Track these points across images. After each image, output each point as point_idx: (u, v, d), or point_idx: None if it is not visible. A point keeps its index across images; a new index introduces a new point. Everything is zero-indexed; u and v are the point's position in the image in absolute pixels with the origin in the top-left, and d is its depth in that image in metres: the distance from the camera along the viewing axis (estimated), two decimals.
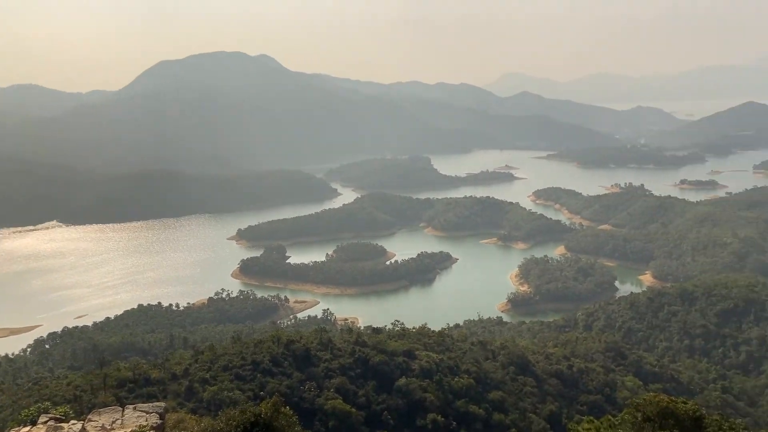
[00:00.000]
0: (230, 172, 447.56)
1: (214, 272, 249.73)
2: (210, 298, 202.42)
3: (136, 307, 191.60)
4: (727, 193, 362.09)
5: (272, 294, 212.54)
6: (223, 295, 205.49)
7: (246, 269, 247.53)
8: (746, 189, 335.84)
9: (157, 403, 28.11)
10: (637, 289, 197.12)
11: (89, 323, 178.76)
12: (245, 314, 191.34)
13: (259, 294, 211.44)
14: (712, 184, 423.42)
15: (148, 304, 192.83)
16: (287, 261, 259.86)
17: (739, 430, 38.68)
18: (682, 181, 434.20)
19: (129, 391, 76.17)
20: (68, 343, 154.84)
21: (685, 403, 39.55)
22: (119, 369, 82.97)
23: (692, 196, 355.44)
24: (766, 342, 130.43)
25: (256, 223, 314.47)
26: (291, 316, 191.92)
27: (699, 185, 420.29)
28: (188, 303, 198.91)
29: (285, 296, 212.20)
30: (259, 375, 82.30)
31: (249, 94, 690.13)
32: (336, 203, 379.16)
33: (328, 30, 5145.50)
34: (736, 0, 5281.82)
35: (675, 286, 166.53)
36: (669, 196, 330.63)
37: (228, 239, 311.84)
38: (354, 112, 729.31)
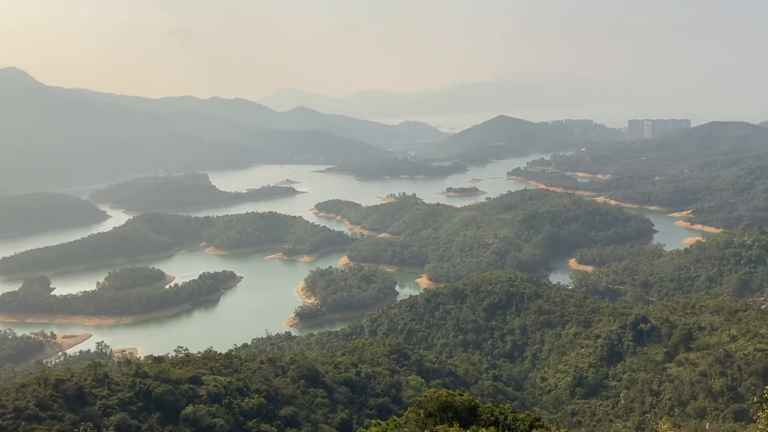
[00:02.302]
0: None
1: None
2: None
3: None
4: (486, 198, 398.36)
5: (36, 331, 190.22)
6: None
7: (2, 306, 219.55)
8: (502, 194, 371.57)
9: None
10: (415, 292, 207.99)
11: None
12: (4, 356, 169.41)
13: (19, 332, 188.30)
14: (473, 191, 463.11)
15: None
16: (52, 293, 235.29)
17: (507, 413, 42.80)
18: (448, 189, 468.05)
19: None
20: None
21: (461, 395, 42.75)
22: None
23: (458, 203, 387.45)
24: (527, 331, 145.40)
25: (12, 254, 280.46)
26: (60, 354, 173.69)
27: (462, 192, 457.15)
28: None
29: (51, 332, 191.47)
30: (23, 423, 72.96)
31: None
32: (106, 226, 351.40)
33: (88, 42, 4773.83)
34: (485, 21, 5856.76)
35: (448, 286, 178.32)
36: (438, 204, 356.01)
37: None
38: (121, 128, 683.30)
